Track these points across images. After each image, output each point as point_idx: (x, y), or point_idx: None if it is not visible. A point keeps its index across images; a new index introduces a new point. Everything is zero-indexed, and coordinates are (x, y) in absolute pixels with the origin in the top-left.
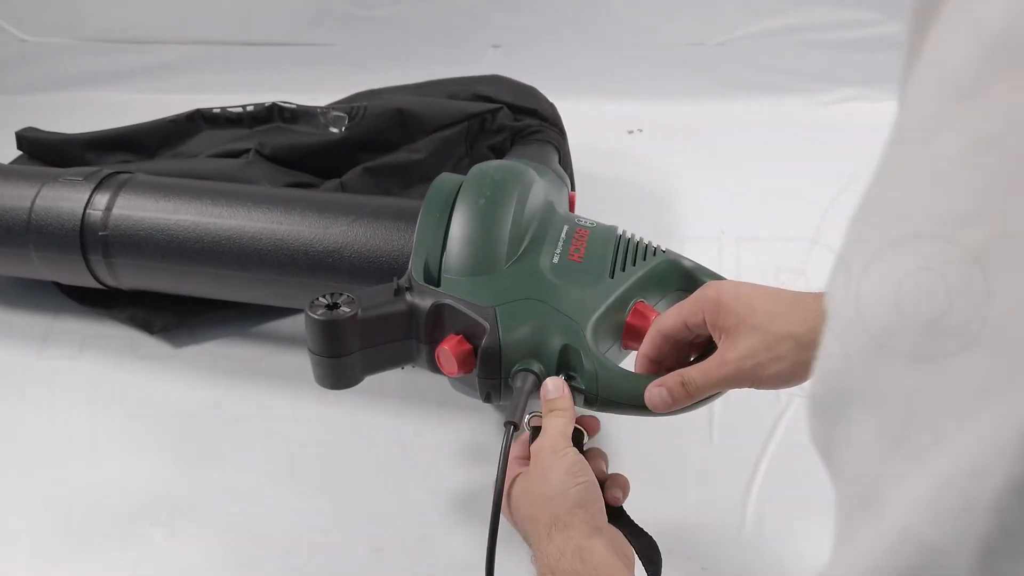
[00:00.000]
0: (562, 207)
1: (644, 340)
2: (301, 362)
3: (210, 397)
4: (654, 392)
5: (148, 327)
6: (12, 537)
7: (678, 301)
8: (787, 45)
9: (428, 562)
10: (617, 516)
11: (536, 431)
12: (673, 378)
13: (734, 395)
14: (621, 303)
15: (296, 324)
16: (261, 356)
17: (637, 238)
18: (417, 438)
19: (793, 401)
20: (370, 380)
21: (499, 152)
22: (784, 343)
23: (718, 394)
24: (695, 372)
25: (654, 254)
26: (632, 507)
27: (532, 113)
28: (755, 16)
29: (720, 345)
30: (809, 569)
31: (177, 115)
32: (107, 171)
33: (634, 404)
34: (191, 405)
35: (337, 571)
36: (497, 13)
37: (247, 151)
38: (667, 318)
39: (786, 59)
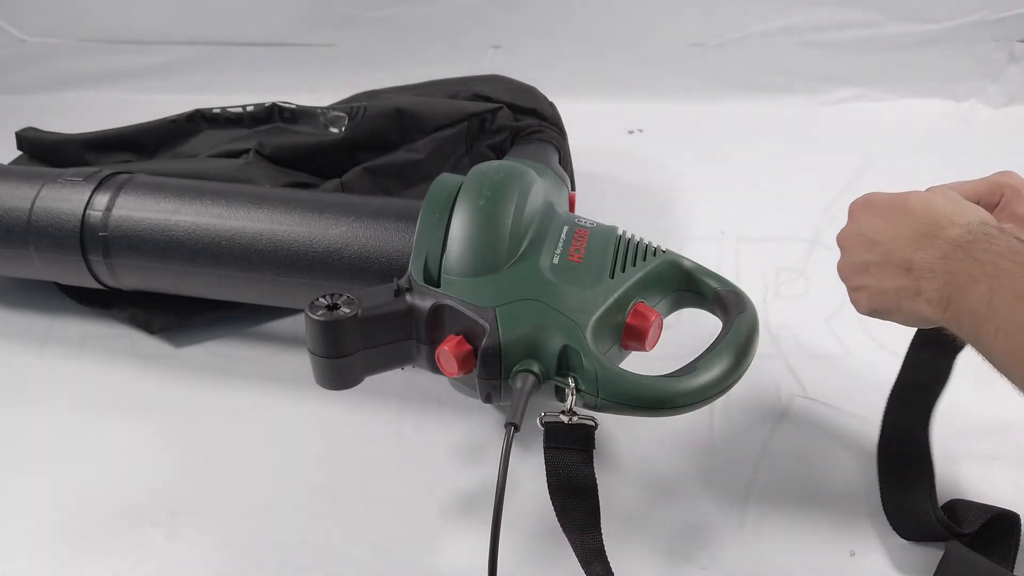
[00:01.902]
0: (562, 207)
1: None
2: (301, 362)
3: (210, 397)
4: None
5: (148, 327)
6: (12, 537)
7: (678, 301)
8: (787, 45)
9: (428, 562)
10: None
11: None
12: None
13: (734, 395)
14: (621, 304)
15: (296, 324)
16: (261, 356)
17: (637, 238)
18: (417, 438)
19: (794, 401)
20: (370, 380)
21: (499, 152)
22: None
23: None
24: None
25: (654, 254)
26: (632, 507)
27: (532, 113)
28: (755, 16)
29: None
30: (809, 569)
31: (177, 115)
32: (107, 171)
33: (634, 404)
34: (191, 405)
35: (337, 571)
36: (497, 13)
37: (247, 151)
38: (961, 187)
39: (786, 59)
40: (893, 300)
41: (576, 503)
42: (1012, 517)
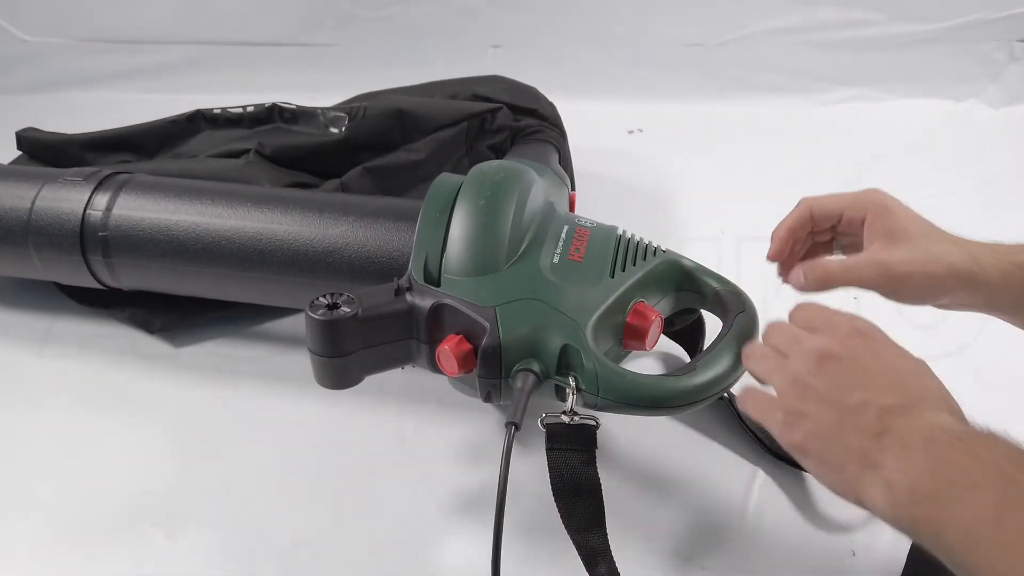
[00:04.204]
0: (562, 207)
1: (791, 213)
2: (301, 362)
3: (210, 397)
4: (795, 272)
5: (148, 327)
6: (12, 537)
7: (678, 301)
8: (787, 45)
9: (428, 562)
10: None
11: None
12: (816, 263)
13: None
14: (621, 303)
15: (296, 324)
16: (261, 356)
17: (637, 238)
18: (417, 438)
19: None
20: (370, 379)
21: (499, 152)
22: (940, 265)
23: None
24: (837, 265)
25: (654, 254)
26: (632, 507)
27: (532, 113)
28: (755, 16)
29: (872, 246)
30: (809, 569)
31: (177, 115)
32: (107, 171)
33: (634, 404)
34: (191, 405)
35: (337, 571)
36: (497, 13)
37: (247, 151)
38: (822, 202)
39: (786, 59)
40: (839, 455)
41: (581, 503)
42: None
